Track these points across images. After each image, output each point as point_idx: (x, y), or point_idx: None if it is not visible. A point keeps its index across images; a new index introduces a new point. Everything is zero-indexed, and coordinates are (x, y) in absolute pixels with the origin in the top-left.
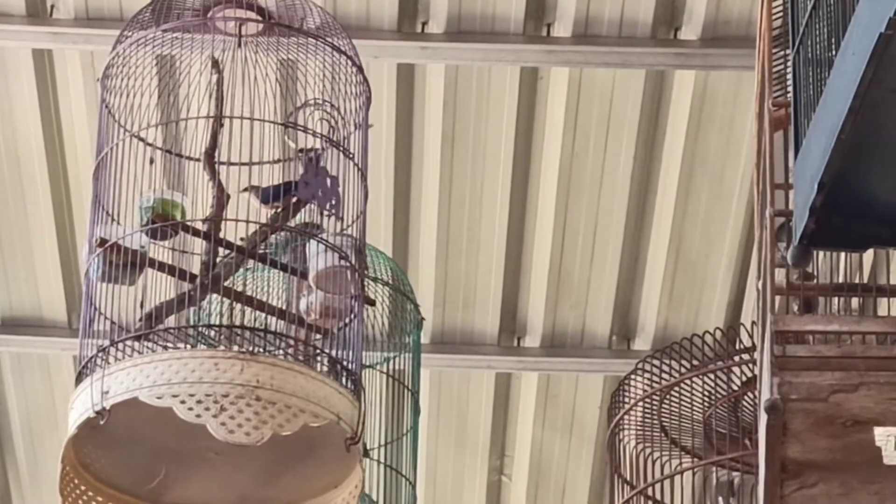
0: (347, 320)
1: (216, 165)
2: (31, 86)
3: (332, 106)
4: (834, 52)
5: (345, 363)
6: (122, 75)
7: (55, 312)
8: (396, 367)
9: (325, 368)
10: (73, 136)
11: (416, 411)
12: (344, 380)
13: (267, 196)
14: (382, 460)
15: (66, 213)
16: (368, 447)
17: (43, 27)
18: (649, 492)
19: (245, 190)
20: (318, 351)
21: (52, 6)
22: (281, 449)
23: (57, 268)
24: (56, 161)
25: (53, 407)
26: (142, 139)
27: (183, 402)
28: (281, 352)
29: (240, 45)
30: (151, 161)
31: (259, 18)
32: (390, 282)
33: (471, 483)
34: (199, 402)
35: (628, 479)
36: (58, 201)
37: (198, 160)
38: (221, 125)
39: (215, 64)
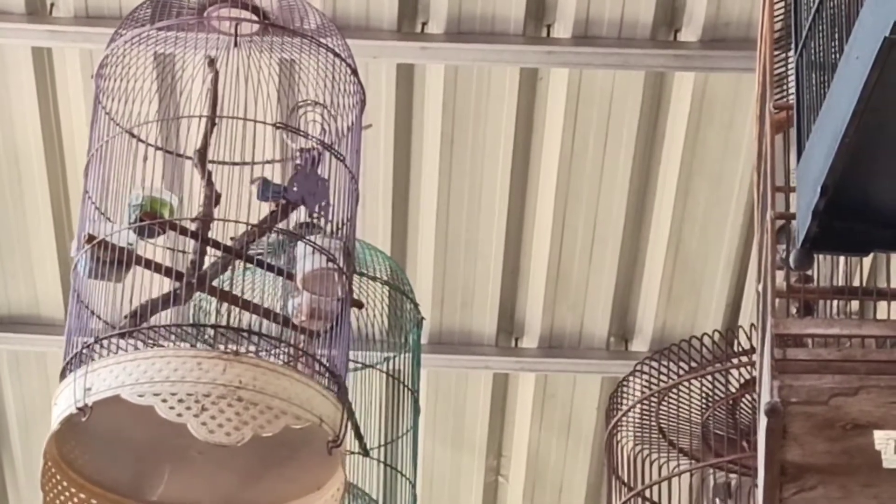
0: (333, 322)
1: (207, 164)
2: (30, 84)
3: (325, 108)
4: (837, 56)
5: (329, 365)
6: (118, 74)
7: (52, 310)
8: (396, 367)
9: (309, 370)
10: (71, 134)
11: (417, 410)
12: (328, 382)
13: (267, 193)
14: (382, 459)
15: (63, 211)
16: (368, 446)
17: (42, 25)
18: (647, 493)
19: (254, 182)
20: (303, 352)
21: (52, 4)
22: (264, 450)
23: (55, 266)
24: (54, 159)
25: (50, 405)
26: (134, 136)
27: (164, 400)
28: (265, 353)
29: (235, 45)
30: (145, 158)
31: (255, 18)
32: (390, 281)
33: (467, 483)
34: (180, 401)
35: (625, 480)
36: (56, 199)
37: (191, 159)
38: (214, 124)
39: (211, 63)
